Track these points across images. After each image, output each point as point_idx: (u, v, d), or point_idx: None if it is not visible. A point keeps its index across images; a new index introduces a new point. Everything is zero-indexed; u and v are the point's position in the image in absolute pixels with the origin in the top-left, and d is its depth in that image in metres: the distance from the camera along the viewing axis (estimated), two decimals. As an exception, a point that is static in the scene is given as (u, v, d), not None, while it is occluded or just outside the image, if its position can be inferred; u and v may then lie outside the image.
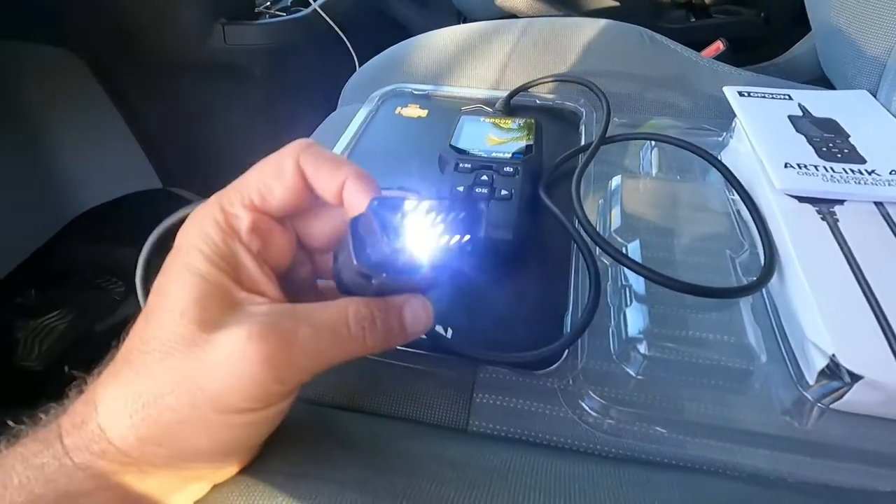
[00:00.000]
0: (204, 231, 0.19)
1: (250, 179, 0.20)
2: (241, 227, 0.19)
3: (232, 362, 0.17)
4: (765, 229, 0.32)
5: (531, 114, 0.45)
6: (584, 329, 0.27)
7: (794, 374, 0.27)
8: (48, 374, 0.80)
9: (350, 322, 0.19)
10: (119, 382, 0.18)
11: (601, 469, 0.23)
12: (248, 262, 0.19)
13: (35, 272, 0.89)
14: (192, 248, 0.18)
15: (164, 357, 0.17)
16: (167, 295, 0.18)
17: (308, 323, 0.18)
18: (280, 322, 0.18)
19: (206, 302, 0.18)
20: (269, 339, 0.17)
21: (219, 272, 0.18)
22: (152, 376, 0.17)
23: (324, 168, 0.20)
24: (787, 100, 0.41)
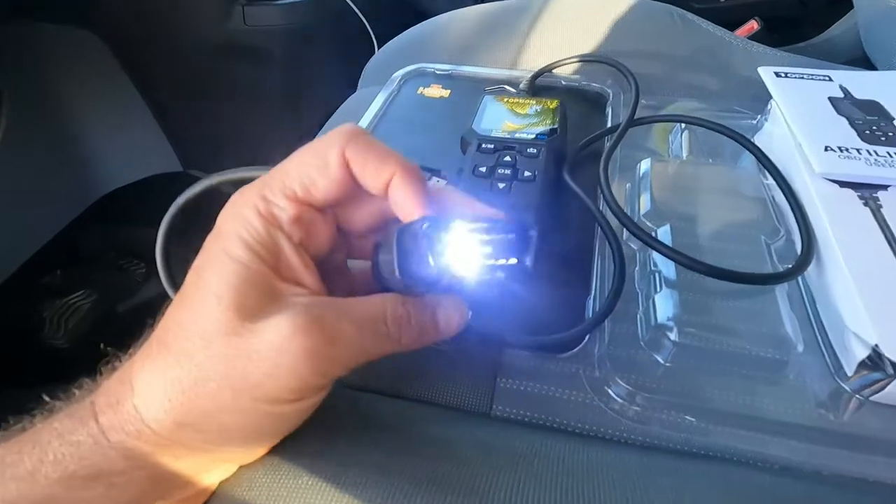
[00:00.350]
0: (245, 218, 0.18)
1: (292, 169, 0.19)
2: (283, 217, 0.19)
3: (275, 353, 0.17)
4: (802, 215, 0.30)
5: (556, 95, 0.43)
6: (610, 311, 0.27)
7: (832, 365, 0.26)
8: (74, 352, 0.83)
9: (388, 321, 0.19)
10: (157, 366, 0.17)
11: (628, 456, 0.22)
12: (289, 252, 0.19)
13: (59, 253, 0.91)
14: (232, 234, 0.18)
15: (206, 345, 0.17)
16: (206, 279, 0.18)
17: (350, 319, 0.18)
18: (324, 317, 0.18)
19: (246, 289, 0.17)
20: (313, 333, 0.17)
21: (259, 260, 0.18)
22: (194, 363, 0.17)
23: (371, 161, 0.19)
24: (828, 81, 0.39)
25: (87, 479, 0.17)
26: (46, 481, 0.16)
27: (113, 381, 0.18)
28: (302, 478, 0.19)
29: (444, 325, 0.20)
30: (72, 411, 0.18)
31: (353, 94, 0.54)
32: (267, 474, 0.19)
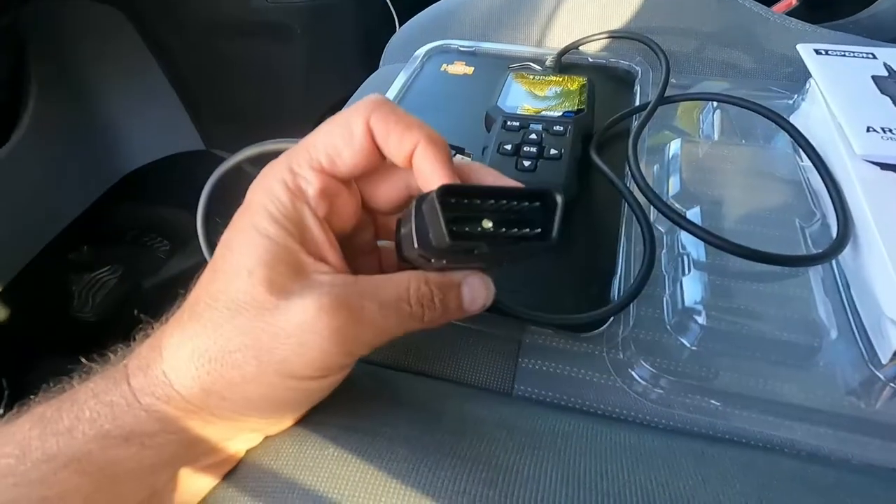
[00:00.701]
0: (272, 191, 0.18)
1: (318, 141, 0.19)
2: (310, 190, 0.19)
3: (301, 332, 0.17)
4: (839, 197, 0.29)
5: (583, 72, 0.42)
6: (639, 292, 0.26)
7: (866, 352, 0.25)
8: (101, 325, 0.85)
9: (411, 300, 0.19)
10: (186, 334, 0.18)
11: (652, 438, 0.22)
12: (314, 226, 0.19)
13: (86, 229, 0.93)
14: (260, 208, 0.18)
15: (234, 315, 0.17)
16: (235, 252, 0.18)
17: (374, 299, 0.18)
18: (350, 297, 0.18)
19: (274, 264, 0.18)
20: (339, 313, 0.17)
21: (286, 234, 0.18)
22: (221, 332, 0.17)
23: (394, 131, 0.19)
24: (871, 59, 0.37)
25: (120, 439, 0.17)
26: (84, 438, 0.17)
27: (144, 346, 0.19)
28: (328, 448, 0.19)
29: (469, 303, 0.20)
30: (107, 373, 0.19)
31: (376, 71, 0.53)
32: (294, 444, 0.20)
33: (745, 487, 0.20)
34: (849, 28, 0.49)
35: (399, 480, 0.18)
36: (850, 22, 0.52)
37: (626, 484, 0.19)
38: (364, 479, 0.18)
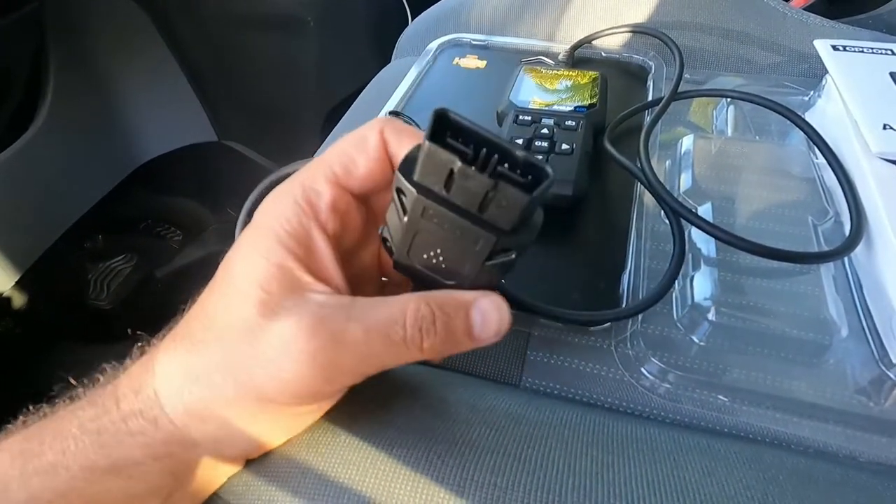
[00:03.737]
0: (279, 209, 0.18)
1: (332, 153, 0.19)
2: (321, 204, 0.18)
3: (279, 356, 0.16)
4: (853, 194, 0.29)
5: (595, 67, 0.42)
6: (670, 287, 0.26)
7: (876, 350, 0.25)
8: (116, 313, 0.87)
9: (407, 323, 0.17)
10: (178, 351, 0.18)
11: (659, 432, 0.22)
12: (320, 243, 0.18)
13: (102, 219, 0.95)
14: (264, 227, 0.18)
15: (220, 336, 0.17)
16: (233, 272, 0.18)
17: (360, 322, 0.17)
18: (331, 318, 0.17)
19: (270, 284, 0.17)
20: (317, 335, 0.16)
21: (287, 254, 0.17)
22: (206, 352, 0.17)
23: (407, 140, 0.18)
24: (890, 55, 0.36)
25: (106, 471, 0.17)
26: (68, 473, 0.16)
27: (137, 366, 0.18)
28: (340, 435, 0.20)
29: (480, 329, 0.18)
30: (94, 398, 0.18)
31: (388, 64, 0.53)
32: (306, 430, 0.20)
33: (750, 482, 0.20)
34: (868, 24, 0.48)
35: (409, 467, 0.19)
36: (869, 17, 0.51)
37: (632, 475, 0.19)
38: (375, 466, 0.19)
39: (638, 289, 0.28)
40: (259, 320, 0.17)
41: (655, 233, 0.31)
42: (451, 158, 0.15)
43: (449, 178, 0.15)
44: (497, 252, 0.16)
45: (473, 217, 0.15)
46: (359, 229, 0.20)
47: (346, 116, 0.47)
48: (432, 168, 0.15)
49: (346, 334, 0.16)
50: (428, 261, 0.17)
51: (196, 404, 0.17)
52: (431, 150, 0.15)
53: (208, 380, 0.17)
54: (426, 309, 0.17)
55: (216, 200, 1.00)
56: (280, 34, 0.84)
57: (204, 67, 0.96)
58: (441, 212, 0.16)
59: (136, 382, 0.18)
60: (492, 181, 0.15)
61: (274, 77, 0.91)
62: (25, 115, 0.81)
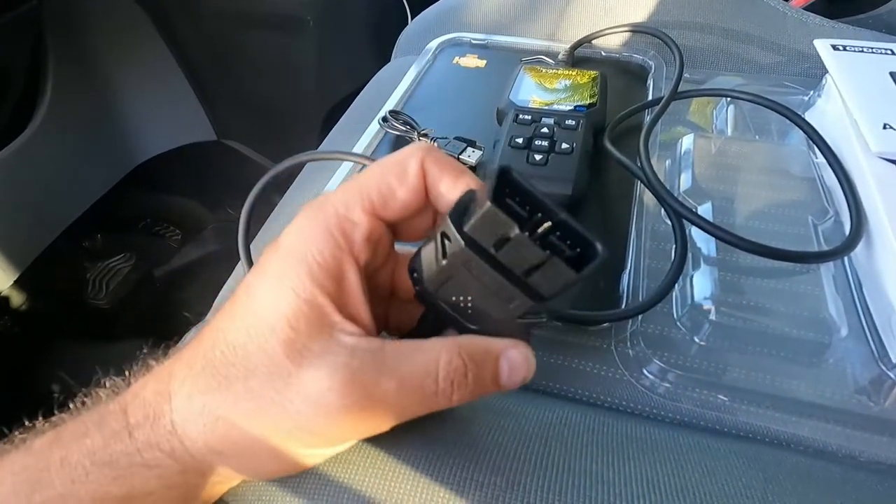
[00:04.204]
0: (311, 238, 0.17)
1: (371, 179, 0.18)
2: (357, 236, 0.17)
3: (309, 409, 0.16)
4: (853, 194, 0.29)
5: (596, 66, 0.42)
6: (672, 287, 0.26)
7: (876, 350, 0.25)
8: (115, 312, 0.86)
9: (440, 376, 0.17)
10: (198, 386, 0.17)
11: (659, 432, 0.22)
12: (352, 279, 0.17)
13: (100, 218, 0.94)
14: (294, 256, 0.17)
15: (248, 376, 0.16)
16: (260, 302, 0.17)
17: (393, 376, 0.16)
18: (363, 371, 0.16)
19: (298, 323, 0.16)
20: (350, 393, 0.16)
21: (319, 291, 0.16)
22: (232, 392, 0.16)
23: (447, 175, 0.18)
24: (890, 55, 0.36)
25: (119, 501, 0.16)
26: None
27: (149, 391, 0.17)
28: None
29: (507, 379, 0.17)
30: (100, 421, 0.17)
31: (388, 64, 0.53)
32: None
33: (750, 481, 0.20)
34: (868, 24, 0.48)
35: (408, 466, 0.19)
36: (869, 17, 0.51)
37: (631, 474, 0.19)
38: (375, 465, 0.19)
39: (638, 288, 0.28)
40: (286, 363, 0.16)
41: (655, 232, 0.31)
42: (510, 224, 0.15)
43: (503, 241, 0.15)
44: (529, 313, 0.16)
45: (516, 279, 0.15)
46: (386, 255, 0.20)
47: (346, 115, 0.47)
48: (488, 227, 0.15)
49: (378, 389, 0.16)
50: (456, 302, 0.17)
51: (217, 443, 0.17)
52: (492, 211, 0.14)
53: (232, 421, 0.16)
54: (458, 361, 0.17)
55: (215, 199, 1.00)
56: (279, 33, 0.84)
57: (203, 66, 0.95)
58: (484, 267, 0.16)
59: (150, 410, 0.17)
60: (546, 254, 0.15)
61: (273, 76, 0.91)
62: (24, 114, 0.81)
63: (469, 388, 0.17)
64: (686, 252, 0.26)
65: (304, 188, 0.38)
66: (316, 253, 0.17)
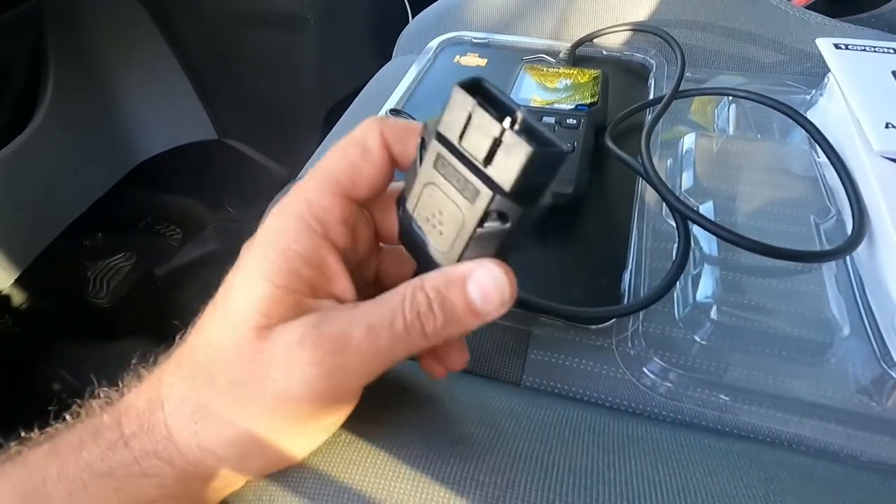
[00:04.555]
0: (287, 229, 0.17)
1: (334, 162, 0.18)
2: (331, 220, 0.17)
3: (284, 377, 0.16)
4: (855, 193, 0.29)
5: (597, 65, 0.42)
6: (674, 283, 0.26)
7: (878, 349, 0.25)
8: (115, 311, 0.87)
9: (405, 309, 0.16)
10: (186, 386, 0.17)
11: (660, 431, 0.22)
12: (332, 264, 0.17)
13: (101, 217, 0.95)
14: (269, 248, 0.17)
15: (226, 369, 0.16)
16: (236, 297, 0.17)
17: (361, 321, 0.16)
18: (330, 324, 0.16)
19: (271, 309, 0.16)
20: (319, 345, 0.16)
21: (293, 277, 0.16)
22: (216, 386, 0.16)
23: (410, 137, 0.17)
24: (892, 54, 0.36)
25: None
26: None
27: (142, 399, 0.17)
28: (341, 434, 0.19)
29: (482, 304, 0.16)
30: (96, 433, 0.17)
31: (388, 62, 0.53)
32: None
33: (752, 481, 0.20)
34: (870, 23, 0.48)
35: (409, 465, 0.19)
36: (871, 16, 0.51)
37: (632, 474, 0.19)
38: (375, 464, 0.19)
39: (639, 287, 0.28)
40: (258, 344, 0.16)
41: (657, 231, 0.31)
42: (470, 101, 0.15)
43: (466, 125, 0.15)
44: (492, 216, 0.16)
45: (477, 170, 0.15)
46: (367, 240, 0.19)
47: (347, 114, 0.47)
48: (455, 114, 0.15)
49: (349, 337, 0.16)
50: (431, 226, 0.17)
51: (210, 441, 0.17)
52: (458, 93, 0.15)
53: (220, 416, 0.16)
54: (421, 294, 0.16)
55: (216, 198, 1.00)
56: (280, 32, 0.84)
57: (204, 65, 0.95)
58: (451, 161, 0.15)
59: (144, 419, 0.17)
60: (500, 128, 0.14)
61: (274, 75, 0.91)
62: (25, 113, 0.81)
63: (439, 319, 0.16)
64: (688, 250, 0.26)
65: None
66: (292, 242, 0.17)
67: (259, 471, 0.19)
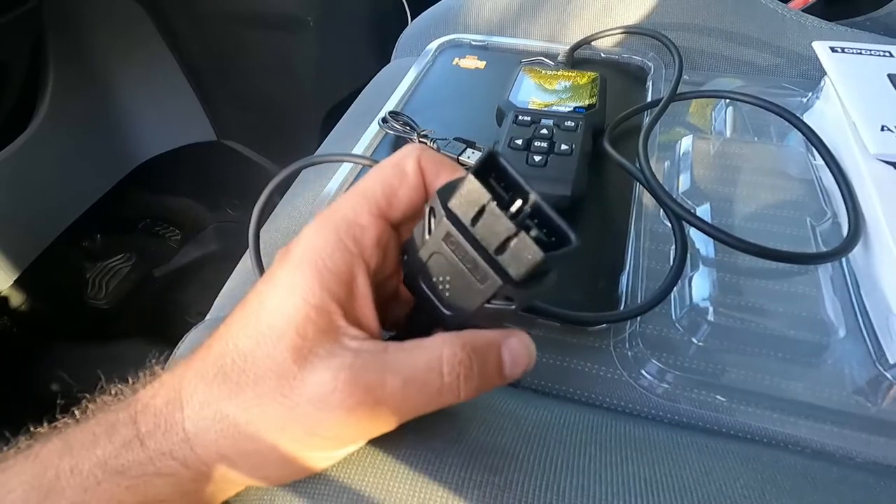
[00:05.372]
0: (322, 245, 0.17)
1: (373, 183, 0.18)
2: (367, 240, 0.18)
3: (316, 412, 0.16)
4: (851, 196, 0.29)
5: (595, 68, 0.42)
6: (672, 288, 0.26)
7: (874, 351, 0.25)
8: (115, 312, 0.86)
9: (444, 370, 0.17)
10: (212, 394, 0.17)
11: (657, 431, 0.23)
12: (361, 285, 0.18)
13: (100, 218, 0.95)
14: (305, 265, 0.17)
15: (257, 381, 0.16)
16: (268, 309, 0.17)
17: (397, 373, 0.16)
18: (367, 370, 0.16)
19: (306, 329, 0.16)
20: (355, 392, 0.16)
21: (328, 298, 0.17)
22: (242, 398, 0.17)
23: (444, 170, 0.18)
24: (888, 57, 0.37)
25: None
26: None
27: (159, 400, 0.18)
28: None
29: (510, 370, 0.18)
30: (111, 430, 0.17)
31: (388, 64, 0.53)
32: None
33: (748, 481, 0.20)
34: (866, 26, 0.48)
35: (407, 465, 0.19)
36: (867, 20, 0.51)
37: (630, 474, 0.19)
38: (373, 464, 0.19)
39: (637, 289, 0.28)
40: (293, 368, 0.16)
41: (654, 233, 0.31)
42: (486, 195, 0.15)
43: (479, 213, 0.16)
44: (499, 297, 0.16)
45: (488, 257, 0.16)
46: (393, 259, 0.20)
47: (346, 116, 0.47)
48: (467, 200, 0.16)
49: (384, 388, 0.16)
50: (435, 284, 0.18)
51: (229, 450, 0.17)
52: (472, 184, 0.15)
53: (243, 428, 0.17)
54: (462, 354, 0.17)
55: (215, 200, 1.00)
56: (280, 33, 0.84)
57: (203, 66, 0.96)
58: (460, 241, 0.16)
59: (161, 419, 0.17)
60: (514, 228, 0.15)
61: (273, 76, 0.91)
62: (24, 114, 0.81)
63: (475, 382, 0.17)
64: (686, 254, 0.26)
65: (304, 188, 0.39)
66: (327, 260, 0.17)
67: (275, 481, 0.19)
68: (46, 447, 0.17)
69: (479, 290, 0.16)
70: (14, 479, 0.17)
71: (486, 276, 0.16)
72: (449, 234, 0.16)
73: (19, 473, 0.17)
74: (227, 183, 1.01)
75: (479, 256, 0.16)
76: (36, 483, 0.16)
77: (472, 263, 0.16)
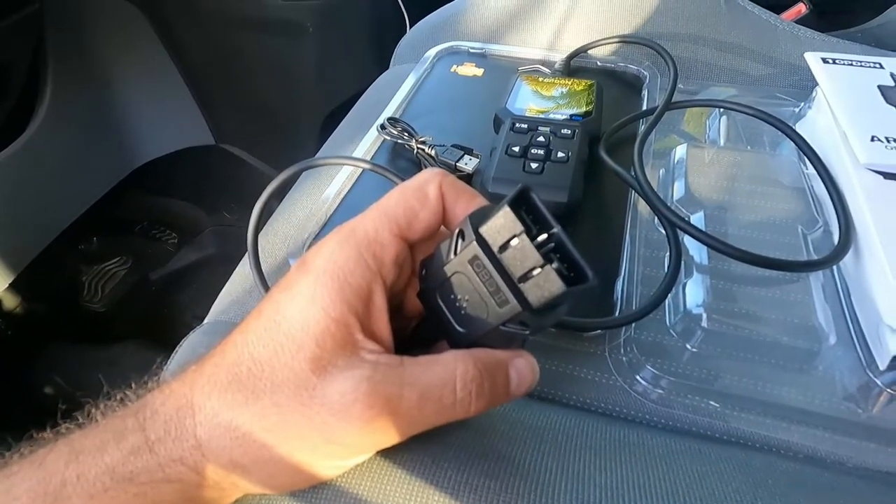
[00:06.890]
0: (345, 262, 0.18)
1: (395, 203, 0.19)
2: (386, 258, 0.18)
3: (334, 421, 0.16)
4: (842, 205, 0.30)
5: (591, 76, 0.43)
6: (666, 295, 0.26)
7: (864, 358, 0.26)
8: (111, 315, 0.86)
9: (458, 386, 0.17)
10: (226, 400, 0.17)
11: (651, 437, 0.23)
12: (378, 300, 0.18)
13: (97, 221, 0.94)
14: (328, 278, 0.17)
15: (274, 390, 0.17)
16: (287, 319, 0.17)
17: (413, 387, 0.17)
18: (385, 383, 0.17)
19: (325, 341, 0.17)
20: (373, 404, 0.16)
21: (346, 310, 0.17)
22: (259, 406, 0.17)
23: (463, 197, 0.19)
24: (878, 68, 0.37)
25: None
26: None
27: (169, 406, 0.17)
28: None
29: (516, 388, 0.19)
30: (119, 437, 0.17)
31: (386, 71, 0.54)
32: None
33: (740, 486, 0.20)
34: (857, 37, 0.49)
35: (403, 470, 0.19)
36: (859, 31, 0.52)
37: (624, 479, 0.19)
38: (370, 469, 0.19)
39: (632, 295, 0.28)
40: (312, 379, 0.17)
41: (649, 240, 0.31)
42: (519, 227, 0.16)
43: (508, 242, 0.16)
44: (514, 321, 0.17)
45: (511, 283, 0.17)
46: (407, 276, 0.20)
47: (344, 122, 0.47)
48: (499, 228, 0.17)
49: (400, 401, 0.17)
50: (452, 301, 0.18)
51: (242, 458, 0.17)
52: (508, 215, 0.16)
53: (258, 436, 0.17)
54: (475, 371, 0.18)
55: (212, 204, 1.00)
56: (279, 39, 0.85)
57: (202, 71, 0.96)
58: (487, 265, 0.17)
59: (172, 425, 0.17)
60: (541, 260, 0.16)
61: (272, 81, 0.91)
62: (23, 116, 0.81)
63: (486, 398, 0.18)
64: (680, 262, 0.27)
65: (302, 192, 0.39)
66: (349, 274, 0.17)
67: (283, 489, 0.19)
68: (52, 454, 0.17)
69: (497, 312, 0.17)
70: (19, 486, 0.17)
71: (506, 300, 0.17)
72: (476, 257, 0.17)
73: (24, 480, 0.17)
74: (224, 187, 1.01)
75: (504, 282, 0.17)
76: (41, 490, 0.16)
77: (494, 287, 0.17)
